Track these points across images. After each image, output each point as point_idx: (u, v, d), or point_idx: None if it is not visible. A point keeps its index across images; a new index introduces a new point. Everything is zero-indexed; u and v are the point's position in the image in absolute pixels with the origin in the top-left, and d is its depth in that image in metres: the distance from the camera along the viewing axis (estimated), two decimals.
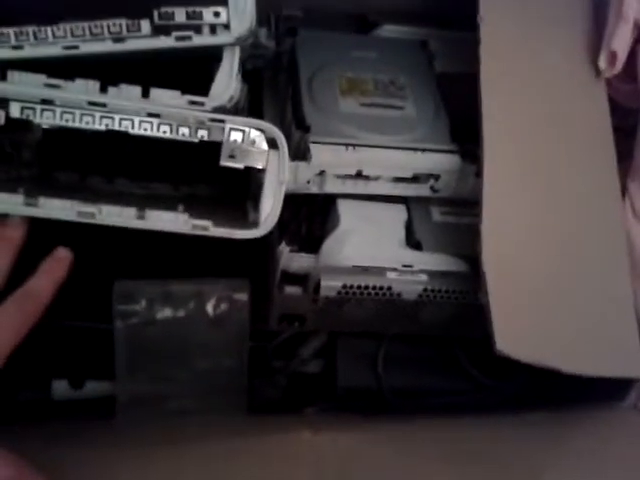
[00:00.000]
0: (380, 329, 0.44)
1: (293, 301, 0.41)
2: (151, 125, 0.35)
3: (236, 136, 0.36)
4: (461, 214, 0.45)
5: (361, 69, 0.47)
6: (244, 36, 0.37)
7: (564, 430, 0.40)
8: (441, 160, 0.42)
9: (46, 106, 0.35)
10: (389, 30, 0.53)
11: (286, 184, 0.37)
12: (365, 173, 0.43)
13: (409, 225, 0.44)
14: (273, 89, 0.49)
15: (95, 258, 0.42)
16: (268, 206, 0.37)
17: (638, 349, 0.40)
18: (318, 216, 0.46)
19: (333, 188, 0.43)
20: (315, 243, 0.44)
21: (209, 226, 0.36)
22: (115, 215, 0.36)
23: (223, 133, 0.36)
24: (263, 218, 0.37)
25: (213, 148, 0.36)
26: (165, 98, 0.36)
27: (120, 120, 0.35)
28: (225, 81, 0.36)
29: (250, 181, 0.40)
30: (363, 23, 0.54)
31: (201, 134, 0.36)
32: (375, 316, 0.41)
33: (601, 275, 0.40)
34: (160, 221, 0.36)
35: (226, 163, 0.36)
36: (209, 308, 0.43)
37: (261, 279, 0.44)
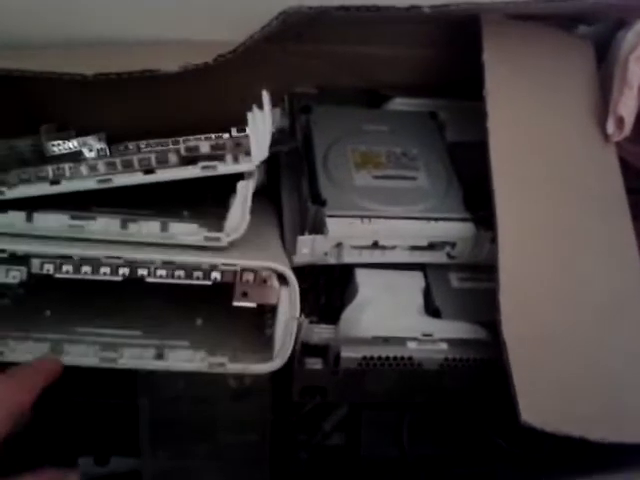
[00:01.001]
0: (402, 399, 0.43)
1: (314, 373, 0.41)
2: (166, 271, 0.37)
3: (248, 276, 0.38)
4: (480, 279, 0.45)
5: (373, 142, 0.49)
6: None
7: None
8: (455, 228, 0.43)
9: (65, 260, 0.37)
10: (400, 103, 0.54)
11: (297, 320, 0.39)
12: (381, 243, 0.43)
13: (427, 292, 0.45)
14: (290, 166, 0.51)
15: None
16: (281, 339, 0.39)
17: None
18: (337, 286, 0.47)
19: (350, 258, 0.44)
20: (335, 313, 0.44)
21: (225, 362, 0.38)
22: (136, 358, 0.38)
23: (235, 275, 0.37)
24: (277, 351, 0.39)
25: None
26: (183, 233, 0.38)
27: (136, 269, 0.37)
28: (239, 215, 0.38)
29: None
30: (374, 97, 0.56)
31: (214, 276, 0.37)
32: (396, 387, 0.41)
33: (626, 338, 0.40)
34: (178, 361, 0.38)
35: (239, 303, 0.38)
36: (231, 382, 0.43)
37: None
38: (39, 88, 0.46)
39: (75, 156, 0.43)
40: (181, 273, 0.37)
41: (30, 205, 0.38)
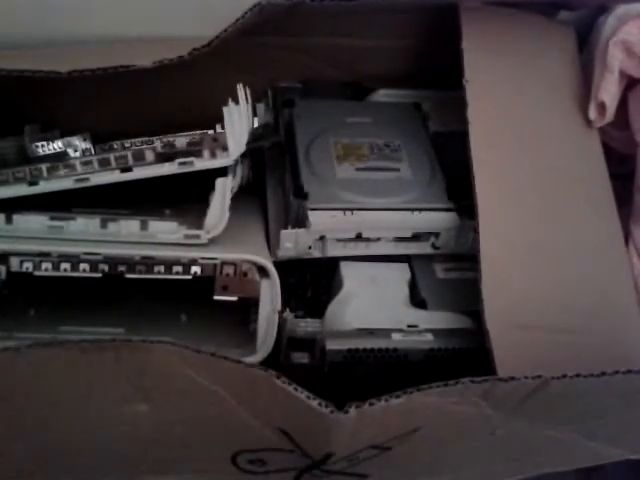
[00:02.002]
0: (389, 391, 0.43)
1: (300, 368, 0.41)
2: (145, 267, 0.37)
3: (228, 270, 0.38)
4: (465, 269, 0.45)
5: (356, 135, 0.48)
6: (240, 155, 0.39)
7: None
8: (439, 218, 0.43)
9: (44, 258, 0.37)
10: (384, 94, 0.54)
11: (279, 313, 0.39)
12: (365, 235, 0.43)
13: (413, 283, 0.45)
14: (274, 161, 0.51)
15: None
16: (263, 333, 0.39)
17: None
18: (323, 279, 0.47)
19: (335, 252, 0.44)
20: (322, 307, 0.44)
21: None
22: None
23: (215, 269, 0.37)
24: (259, 345, 0.39)
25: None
26: (162, 231, 0.38)
27: (116, 265, 0.37)
28: (219, 211, 0.38)
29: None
30: (358, 89, 0.55)
31: (194, 270, 0.38)
32: (383, 379, 0.41)
33: (609, 323, 0.40)
34: None
35: (219, 297, 0.39)
36: None
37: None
38: (22, 88, 0.46)
39: (60, 157, 0.43)
40: (160, 268, 0.37)
41: (10, 206, 0.38)
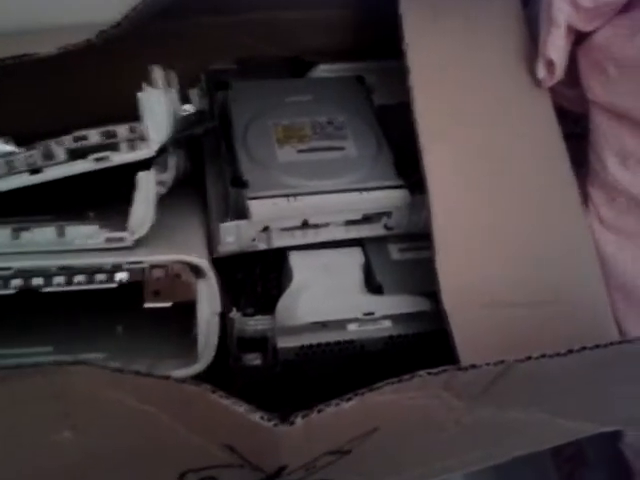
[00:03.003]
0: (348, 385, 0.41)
1: (252, 370, 0.38)
2: (64, 278, 0.33)
3: (158, 273, 0.34)
4: (421, 248, 0.42)
5: (297, 114, 0.45)
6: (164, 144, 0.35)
7: None
8: (389, 197, 0.40)
9: None
10: (325, 69, 0.51)
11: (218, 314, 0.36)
12: (312, 222, 0.40)
13: (368, 268, 0.42)
14: (213, 149, 0.47)
15: None
16: (204, 338, 0.35)
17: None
18: (273, 273, 0.44)
19: (282, 242, 0.41)
20: (274, 303, 0.41)
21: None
22: None
23: (144, 273, 0.34)
24: (200, 352, 0.36)
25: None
26: (82, 236, 0.34)
27: (30, 279, 0.33)
28: (143, 209, 0.34)
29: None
30: (298, 65, 0.52)
31: (119, 277, 0.34)
32: (341, 373, 0.39)
33: (572, 293, 0.38)
34: None
35: (151, 304, 0.35)
36: None
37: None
38: None
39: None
40: (81, 278, 0.33)
41: None
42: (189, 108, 0.49)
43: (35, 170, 0.34)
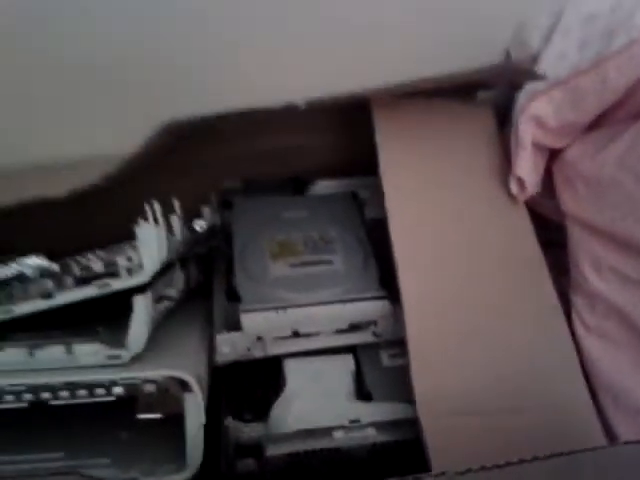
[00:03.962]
0: None
1: (247, 477, 0.40)
2: (69, 392, 0.37)
3: (149, 388, 0.38)
4: None
5: (292, 230, 0.49)
6: (158, 271, 0.40)
7: None
8: (372, 307, 0.43)
9: None
10: (323, 186, 0.55)
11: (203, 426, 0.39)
12: (303, 331, 0.43)
13: (359, 374, 0.44)
14: (221, 263, 0.51)
15: None
16: (190, 448, 0.38)
17: None
18: (271, 378, 0.46)
19: (276, 350, 0.44)
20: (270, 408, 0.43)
21: (138, 477, 0.38)
22: None
23: (137, 388, 0.38)
24: (188, 461, 0.38)
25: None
26: (86, 353, 0.38)
27: (39, 393, 0.37)
28: (139, 330, 0.39)
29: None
30: (299, 183, 0.57)
31: (116, 392, 0.38)
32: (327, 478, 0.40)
33: (547, 400, 0.39)
34: None
35: (143, 415, 0.39)
36: None
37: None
38: None
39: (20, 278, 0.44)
40: (83, 392, 0.37)
41: None
42: (201, 224, 0.53)
43: (47, 295, 0.38)
